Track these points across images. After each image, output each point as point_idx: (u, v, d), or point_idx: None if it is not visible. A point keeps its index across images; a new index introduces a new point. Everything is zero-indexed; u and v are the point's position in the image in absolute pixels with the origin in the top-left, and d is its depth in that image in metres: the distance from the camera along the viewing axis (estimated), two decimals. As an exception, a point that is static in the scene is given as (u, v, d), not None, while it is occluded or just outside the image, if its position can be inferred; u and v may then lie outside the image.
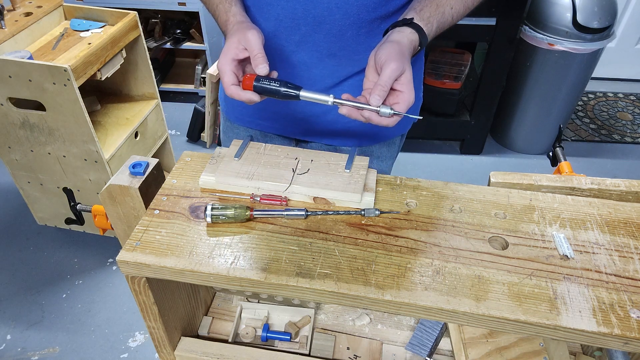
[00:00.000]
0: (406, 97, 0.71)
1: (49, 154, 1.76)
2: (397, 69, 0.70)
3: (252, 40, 0.74)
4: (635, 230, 0.69)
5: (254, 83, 0.74)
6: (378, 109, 0.70)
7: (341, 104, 0.72)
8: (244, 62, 0.78)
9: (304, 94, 0.73)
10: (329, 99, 0.72)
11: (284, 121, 1.02)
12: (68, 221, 0.98)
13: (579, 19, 2.17)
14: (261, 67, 0.73)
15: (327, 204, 0.73)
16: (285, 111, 0.99)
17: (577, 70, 2.32)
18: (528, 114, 2.55)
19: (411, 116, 0.73)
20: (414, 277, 0.61)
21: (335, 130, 1.01)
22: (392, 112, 0.70)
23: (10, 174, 1.89)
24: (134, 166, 0.74)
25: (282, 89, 0.73)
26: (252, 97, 0.74)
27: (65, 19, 1.92)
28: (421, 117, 0.76)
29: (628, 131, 2.91)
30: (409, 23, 0.78)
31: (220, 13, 0.85)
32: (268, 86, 0.73)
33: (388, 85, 0.70)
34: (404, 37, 0.76)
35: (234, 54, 0.75)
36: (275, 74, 0.76)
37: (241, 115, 1.06)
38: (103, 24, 1.86)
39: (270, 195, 0.73)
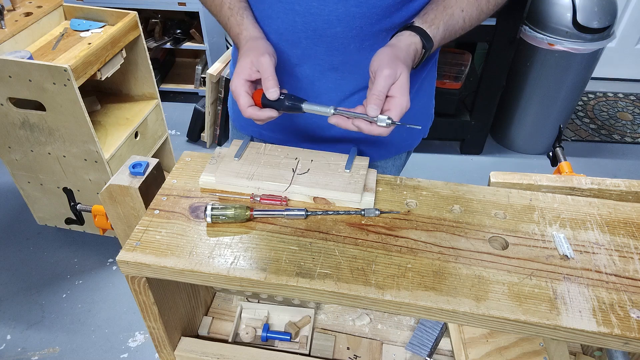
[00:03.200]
0: (398, 102, 0.69)
1: (49, 154, 1.76)
2: (390, 75, 0.68)
3: (264, 64, 0.74)
4: (635, 230, 0.69)
5: (262, 97, 0.76)
6: (375, 118, 0.69)
7: (341, 114, 0.72)
8: (256, 82, 0.78)
9: (306, 106, 0.74)
10: (330, 111, 0.72)
11: (287, 132, 1.00)
12: (68, 221, 0.98)
13: (579, 19, 2.17)
14: (272, 92, 0.73)
15: (327, 204, 0.73)
16: (289, 123, 0.98)
17: (577, 70, 2.32)
18: (528, 114, 2.55)
19: (410, 125, 0.71)
20: (414, 277, 0.61)
21: (340, 144, 0.98)
22: (390, 121, 0.68)
23: (10, 174, 1.89)
24: (134, 166, 0.74)
25: (287, 102, 0.74)
26: (271, 114, 0.75)
27: (65, 19, 1.92)
28: (419, 127, 0.73)
29: (628, 131, 2.91)
30: (409, 26, 0.76)
31: (232, 26, 0.84)
32: (274, 100, 0.75)
33: (383, 94, 0.69)
34: (401, 40, 0.74)
35: (247, 75, 0.75)
36: (284, 91, 0.76)
37: (246, 124, 1.05)
38: (103, 24, 1.86)
39: (270, 195, 0.73)
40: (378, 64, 0.70)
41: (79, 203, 0.94)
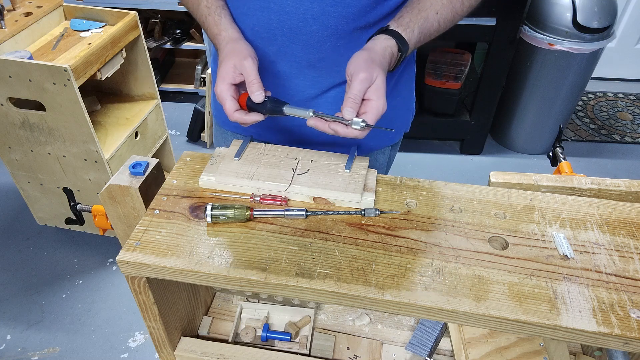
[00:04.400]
0: (374, 105, 0.70)
1: (49, 154, 1.76)
2: (366, 79, 0.69)
3: (248, 68, 0.75)
4: (635, 230, 0.69)
5: (247, 100, 0.76)
6: (350, 121, 0.69)
7: (320, 117, 0.73)
8: (239, 85, 0.78)
9: (288, 109, 0.75)
10: (309, 114, 0.73)
11: (272, 129, 1.00)
12: (68, 221, 0.98)
13: (579, 19, 2.17)
14: (257, 94, 0.74)
15: (327, 204, 0.73)
16: (272, 120, 0.98)
17: (577, 70, 2.32)
18: (528, 114, 2.55)
19: (382, 128, 0.72)
20: (414, 277, 0.61)
21: (322, 141, 0.99)
22: (365, 124, 0.69)
23: (10, 174, 1.89)
24: (134, 166, 0.74)
25: (269, 104, 0.75)
26: (257, 117, 0.76)
27: (65, 19, 1.92)
28: (392, 130, 0.75)
29: (628, 131, 2.91)
30: (385, 30, 0.78)
31: (209, 25, 0.84)
32: (260, 103, 0.76)
33: (359, 97, 0.70)
34: (377, 43, 0.75)
35: (231, 79, 0.76)
36: (268, 93, 0.77)
37: (229, 120, 1.05)
38: (103, 24, 1.86)
39: (270, 195, 0.73)
40: (354, 68, 0.71)
41: (79, 203, 0.94)
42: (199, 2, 0.85)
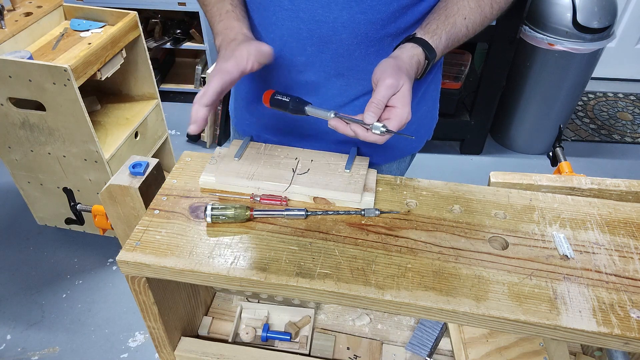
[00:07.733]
0: (398, 112, 0.69)
1: (49, 154, 1.76)
2: (392, 85, 0.68)
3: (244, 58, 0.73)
4: (635, 230, 0.69)
5: (270, 98, 0.77)
6: (370, 126, 0.68)
7: (341, 119, 0.72)
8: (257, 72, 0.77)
9: (310, 109, 0.74)
10: (330, 115, 0.72)
11: (292, 137, 0.99)
12: (68, 221, 0.98)
13: (579, 19, 2.17)
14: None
15: (327, 204, 0.73)
16: (293, 127, 0.96)
17: (577, 70, 2.32)
18: (528, 114, 2.55)
19: (404, 134, 0.70)
20: (414, 277, 0.61)
21: (344, 145, 0.96)
22: (385, 129, 0.67)
23: (10, 174, 1.89)
24: (134, 166, 0.74)
25: (291, 104, 0.75)
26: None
27: (65, 19, 1.92)
28: (413, 137, 0.73)
29: (628, 131, 2.91)
30: (411, 38, 0.76)
31: (229, 17, 0.82)
32: (280, 100, 0.76)
33: (382, 103, 0.68)
34: (404, 51, 0.74)
35: (245, 64, 0.73)
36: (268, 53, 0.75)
37: (249, 129, 1.03)
38: (103, 24, 1.86)
39: (270, 195, 0.73)
40: (381, 74, 0.69)
41: (79, 203, 0.94)
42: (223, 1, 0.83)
